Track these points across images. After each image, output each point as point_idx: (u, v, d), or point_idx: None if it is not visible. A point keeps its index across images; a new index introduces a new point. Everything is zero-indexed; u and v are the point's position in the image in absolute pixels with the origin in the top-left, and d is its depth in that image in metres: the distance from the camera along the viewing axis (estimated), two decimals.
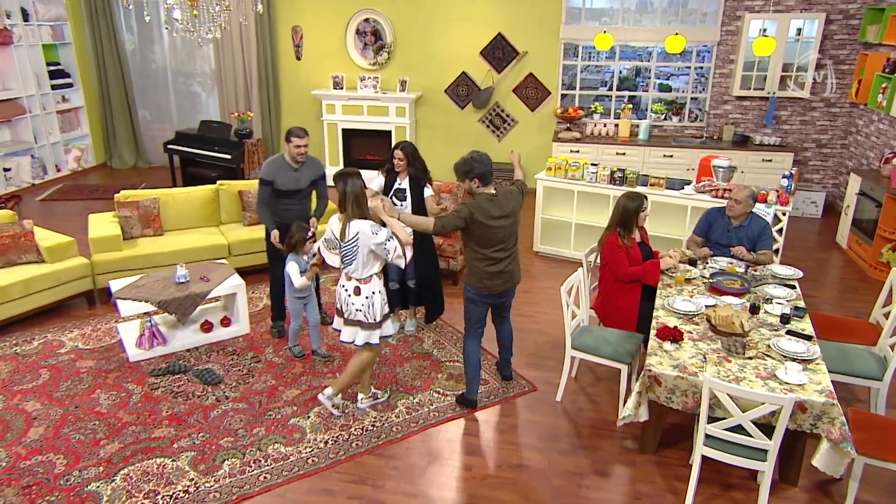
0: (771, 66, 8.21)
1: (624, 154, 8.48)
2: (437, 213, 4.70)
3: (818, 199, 8.51)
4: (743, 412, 3.15)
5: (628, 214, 4.46)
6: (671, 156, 8.40)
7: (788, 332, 3.77)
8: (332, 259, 4.07)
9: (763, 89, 8.35)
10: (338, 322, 4.13)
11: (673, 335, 3.56)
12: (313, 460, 3.85)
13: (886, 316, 4.49)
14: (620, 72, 9.06)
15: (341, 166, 9.61)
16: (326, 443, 4.00)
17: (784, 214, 5.80)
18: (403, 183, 4.87)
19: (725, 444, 3.30)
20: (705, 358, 3.48)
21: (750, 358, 3.48)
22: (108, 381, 4.64)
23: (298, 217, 4.95)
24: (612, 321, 4.67)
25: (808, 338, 3.71)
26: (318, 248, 4.19)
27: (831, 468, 3.21)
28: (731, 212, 4.82)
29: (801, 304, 4.15)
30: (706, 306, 4.06)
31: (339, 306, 4.08)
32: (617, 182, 6.45)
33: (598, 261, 4.86)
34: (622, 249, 4.48)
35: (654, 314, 4.03)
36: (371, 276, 3.94)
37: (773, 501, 3.55)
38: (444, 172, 9.75)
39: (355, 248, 3.85)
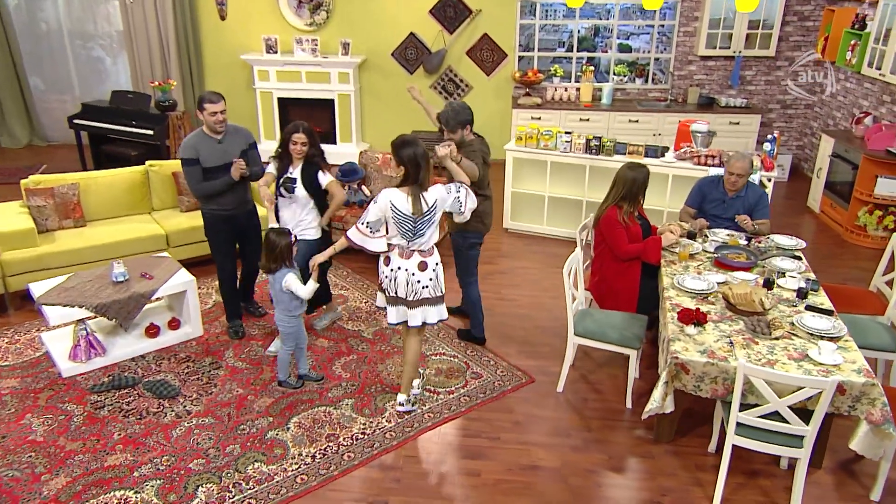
0: (737, 23, 8.32)
1: (588, 120, 8.45)
2: (342, 198, 4.54)
3: (784, 161, 8.75)
4: (779, 397, 3.13)
5: (637, 187, 4.37)
6: (637, 121, 8.43)
7: (808, 308, 3.79)
8: (377, 244, 3.78)
9: (729, 48, 8.47)
10: (397, 312, 3.89)
11: (697, 318, 3.51)
12: (302, 478, 3.61)
13: (888, 284, 4.62)
14: (579, 31, 8.98)
15: (277, 139, 9.12)
16: (314, 457, 3.76)
17: (769, 180, 5.89)
18: (296, 171, 4.41)
19: (758, 431, 3.29)
20: (731, 341, 3.45)
21: (777, 338, 3.47)
22: (40, 403, 4.21)
23: (240, 199, 4.65)
24: (609, 303, 4.60)
25: (829, 312, 3.75)
26: (353, 240, 3.80)
27: (871, 451, 3.25)
28: (735, 186, 4.79)
29: (812, 275, 4.20)
30: (718, 283, 4.04)
31: (393, 293, 3.84)
32: (593, 151, 6.38)
33: (591, 238, 4.78)
34: (621, 226, 4.40)
35: (665, 294, 3.98)
36: (433, 246, 3.84)
37: (813, 483, 3.59)
38: None
39: (433, 217, 3.72)
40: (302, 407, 4.19)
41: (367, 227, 3.73)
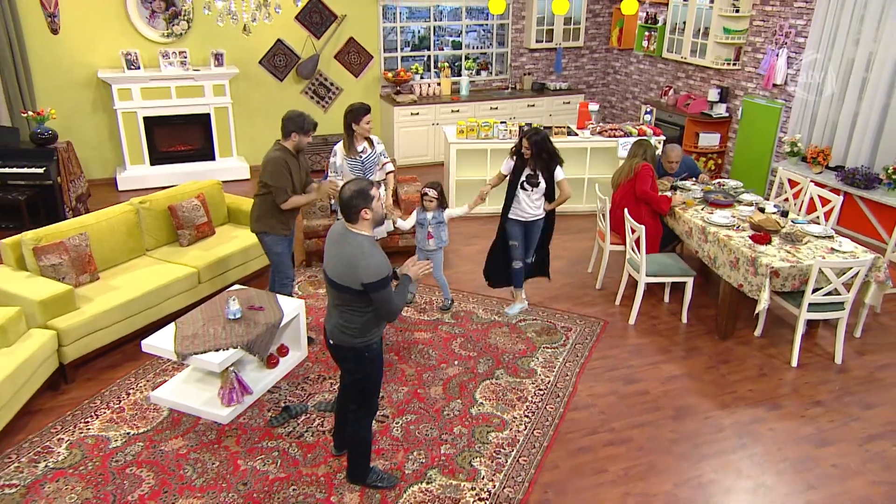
0: (556, 21, 10.27)
1: (458, 111, 9.66)
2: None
3: None
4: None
5: (653, 154, 5.88)
6: (497, 108, 9.91)
7: (792, 221, 5.68)
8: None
9: (552, 41, 10.40)
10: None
11: (768, 240, 5.12)
12: (539, 431, 4.36)
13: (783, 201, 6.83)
14: (419, 31, 10.09)
15: (147, 164, 8.56)
16: (527, 415, 4.50)
17: (660, 143, 7.85)
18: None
19: (817, 305, 5.02)
20: (789, 251, 5.13)
21: (805, 243, 5.25)
22: (234, 449, 4.15)
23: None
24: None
25: (808, 222, 5.69)
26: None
27: (875, 300, 5.21)
28: (673, 170, 6.52)
29: (770, 203, 6.14)
30: (732, 216, 5.72)
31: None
32: None
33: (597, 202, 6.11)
34: (653, 177, 5.83)
35: (711, 230, 5.49)
36: None
37: (822, 337, 5.48)
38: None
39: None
40: (470, 386, 4.82)
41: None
